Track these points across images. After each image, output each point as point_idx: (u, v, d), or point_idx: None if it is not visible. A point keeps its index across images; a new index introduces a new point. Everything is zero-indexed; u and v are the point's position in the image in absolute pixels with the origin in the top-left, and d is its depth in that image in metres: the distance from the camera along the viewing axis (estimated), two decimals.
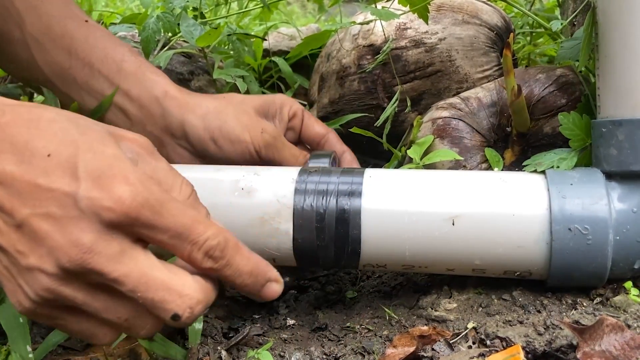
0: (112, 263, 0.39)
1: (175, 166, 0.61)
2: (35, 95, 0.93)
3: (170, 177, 0.45)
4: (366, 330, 0.58)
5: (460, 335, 0.53)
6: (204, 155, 0.66)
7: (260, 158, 0.66)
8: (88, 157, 0.39)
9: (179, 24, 0.84)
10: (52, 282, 0.39)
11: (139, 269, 0.40)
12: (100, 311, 0.41)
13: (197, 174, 0.58)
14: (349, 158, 0.71)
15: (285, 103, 0.72)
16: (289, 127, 0.71)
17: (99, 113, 0.66)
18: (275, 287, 0.46)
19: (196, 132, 0.65)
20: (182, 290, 0.41)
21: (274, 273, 0.46)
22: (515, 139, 0.69)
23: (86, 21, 0.68)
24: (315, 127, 0.72)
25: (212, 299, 0.43)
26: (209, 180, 0.58)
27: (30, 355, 0.50)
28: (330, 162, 0.63)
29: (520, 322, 0.53)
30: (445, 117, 0.71)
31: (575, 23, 0.81)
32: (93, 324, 0.42)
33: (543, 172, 0.58)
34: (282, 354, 0.55)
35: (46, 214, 0.38)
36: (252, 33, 1.10)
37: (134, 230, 0.40)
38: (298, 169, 0.58)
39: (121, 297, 0.41)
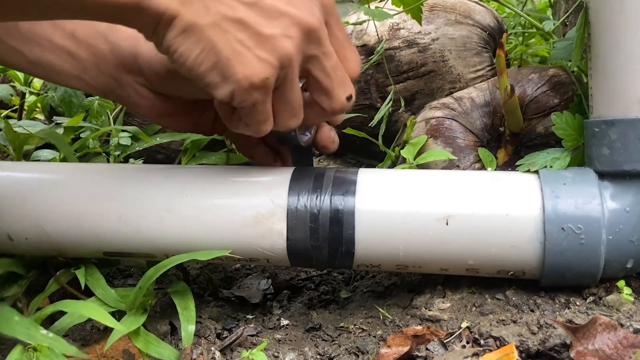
0: (326, 41, 0.48)
1: (160, 166, 0.61)
2: (27, 95, 0.92)
3: None
4: (360, 330, 0.58)
5: (454, 335, 0.53)
6: (165, 92, 0.60)
7: None
8: None
9: None
10: (293, 45, 0.46)
11: (335, 55, 0.50)
12: (296, 90, 0.49)
13: (189, 174, 0.58)
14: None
15: None
16: None
17: None
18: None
19: (150, 63, 0.59)
20: (352, 88, 0.51)
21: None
22: (508, 139, 0.69)
23: None
24: None
25: None
26: (202, 181, 0.57)
27: None
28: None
29: (514, 322, 0.53)
30: (438, 117, 0.71)
31: (567, 23, 0.81)
32: (271, 111, 0.50)
33: (536, 171, 0.58)
34: (276, 354, 0.55)
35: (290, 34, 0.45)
36: None
37: (327, 17, 0.49)
38: (292, 169, 0.58)
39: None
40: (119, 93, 0.61)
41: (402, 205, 0.54)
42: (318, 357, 0.55)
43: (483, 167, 0.67)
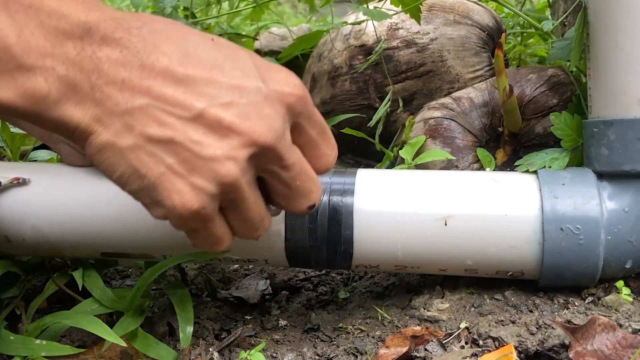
0: (288, 150, 0.41)
1: None
2: None
3: None
4: (359, 331, 0.58)
5: (453, 335, 0.53)
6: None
7: None
8: (249, 55, 0.41)
9: None
10: (239, 169, 0.39)
11: (299, 159, 0.43)
12: (252, 207, 0.42)
13: None
14: None
15: None
16: None
17: None
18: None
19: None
20: (318, 188, 0.45)
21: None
22: (507, 139, 0.69)
23: None
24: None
25: None
26: None
27: None
28: None
29: (513, 322, 0.53)
30: (437, 117, 0.71)
31: (566, 23, 0.81)
32: (226, 230, 0.43)
33: (535, 172, 0.58)
34: (274, 355, 0.55)
35: (228, 103, 0.38)
36: (243, 33, 1.10)
37: (296, 119, 0.42)
38: None
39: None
40: (52, 145, 0.61)
41: (401, 206, 0.54)
42: (316, 357, 0.55)
43: (482, 168, 0.67)
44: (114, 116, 0.37)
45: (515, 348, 0.50)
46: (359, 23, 0.83)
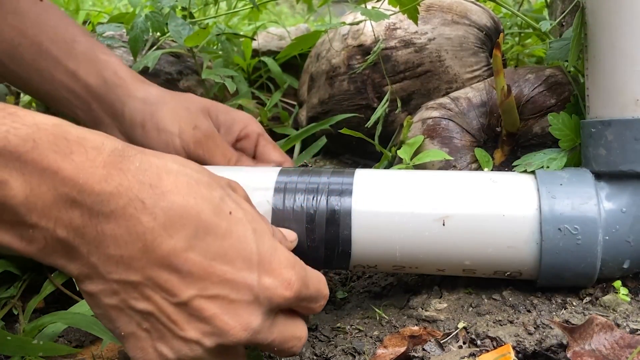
0: (266, 334, 0.42)
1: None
2: (22, 95, 0.92)
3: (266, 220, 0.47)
4: (357, 331, 0.58)
5: (451, 335, 0.53)
6: (132, 141, 0.63)
7: (187, 154, 0.63)
8: (255, 238, 0.41)
9: (167, 24, 0.83)
10: (205, 354, 0.40)
11: (280, 331, 0.43)
12: None
13: None
14: None
15: (240, 120, 0.70)
16: (239, 147, 0.70)
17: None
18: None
19: (131, 114, 0.64)
20: (302, 335, 0.45)
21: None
22: (504, 139, 0.69)
23: (40, 0, 0.67)
24: (272, 154, 0.70)
25: None
26: None
27: None
28: None
29: (511, 322, 0.53)
30: (435, 117, 0.71)
31: (563, 23, 0.81)
32: None
33: (533, 172, 0.58)
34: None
35: (216, 296, 0.39)
36: (241, 33, 1.10)
37: (288, 307, 0.43)
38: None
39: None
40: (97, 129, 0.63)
41: (399, 206, 0.54)
42: (314, 357, 0.55)
43: (480, 168, 0.67)
44: (103, 280, 0.38)
45: (513, 348, 0.50)
46: (357, 23, 0.83)
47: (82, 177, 0.35)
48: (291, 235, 0.52)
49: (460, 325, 0.54)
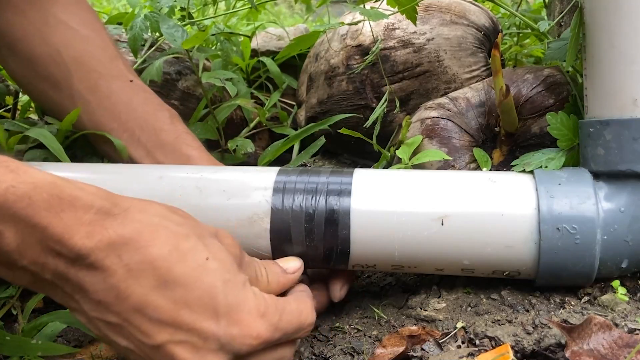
0: None
1: (154, 166, 0.61)
2: (20, 94, 0.92)
3: (253, 266, 0.50)
4: (355, 331, 0.58)
5: (450, 335, 0.53)
6: None
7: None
8: (224, 289, 0.43)
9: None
10: None
11: None
12: None
13: (184, 174, 0.58)
14: None
15: None
16: None
17: None
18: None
19: None
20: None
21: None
22: (503, 139, 0.69)
23: (131, 81, 0.70)
24: None
25: None
26: (199, 180, 0.57)
27: None
28: None
29: (509, 322, 0.53)
30: (433, 117, 0.71)
31: (562, 24, 0.81)
32: None
33: (531, 172, 0.58)
34: None
35: (186, 341, 0.41)
36: (240, 33, 1.10)
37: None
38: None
39: None
40: None
41: (398, 206, 0.54)
42: (313, 357, 0.55)
43: (478, 167, 0.67)
44: (84, 315, 0.43)
45: (512, 347, 0.50)
46: (356, 23, 0.83)
47: (68, 233, 0.40)
48: (292, 267, 0.53)
49: (459, 325, 0.54)
